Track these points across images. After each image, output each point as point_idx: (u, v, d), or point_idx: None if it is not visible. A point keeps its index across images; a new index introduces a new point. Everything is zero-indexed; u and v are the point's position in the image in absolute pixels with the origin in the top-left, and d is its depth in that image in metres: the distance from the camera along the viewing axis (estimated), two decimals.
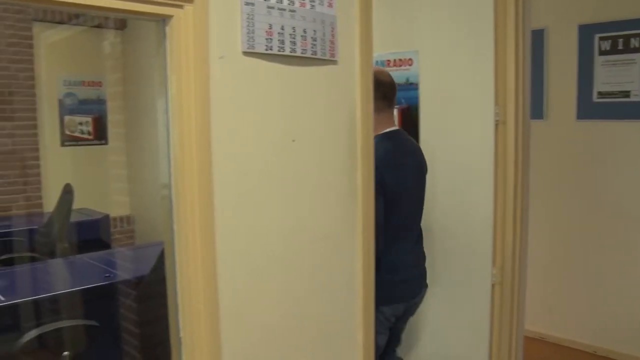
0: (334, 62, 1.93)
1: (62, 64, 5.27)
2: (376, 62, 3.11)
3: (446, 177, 3.02)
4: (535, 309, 4.14)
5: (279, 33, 1.75)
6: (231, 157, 1.65)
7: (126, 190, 4.49)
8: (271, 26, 1.73)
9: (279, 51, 1.75)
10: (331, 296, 2.03)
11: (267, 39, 1.71)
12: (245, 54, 1.66)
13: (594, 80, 4.00)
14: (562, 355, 4.16)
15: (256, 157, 1.72)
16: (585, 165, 4.11)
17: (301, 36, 1.81)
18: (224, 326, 1.69)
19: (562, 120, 4.19)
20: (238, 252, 1.70)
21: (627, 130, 3.90)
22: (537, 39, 3.96)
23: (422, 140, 3.03)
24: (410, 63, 3.04)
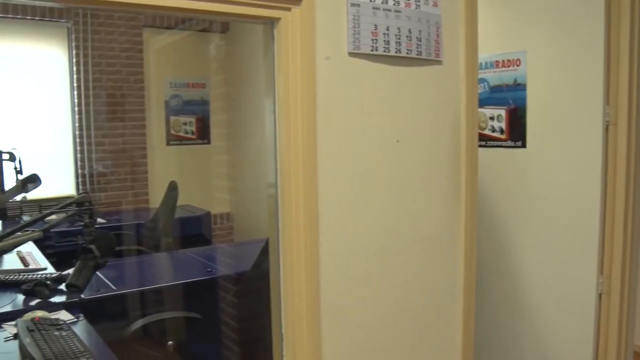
0: (439, 62, 1.91)
1: (169, 67, 5.52)
2: (485, 63, 3.05)
3: (551, 180, 2.91)
4: None
5: (384, 33, 1.75)
6: (336, 156, 1.67)
7: (226, 189, 4.64)
8: (376, 27, 1.73)
9: (384, 52, 1.75)
10: (431, 298, 2.01)
11: (372, 39, 1.72)
12: (351, 54, 1.68)
13: None
14: None
15: (360, 157, 1.73)
16: None
17: (406, 36, 1.81)
18: (324, 323, 1.71)
19: None
20: (340, 251, 1.72)
21: None
22: None
23: (529, 142, 2.95)
24: (518, 63, 2.96)
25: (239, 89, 5.44)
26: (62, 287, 2.43)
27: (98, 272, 2.52)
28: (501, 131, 3.04)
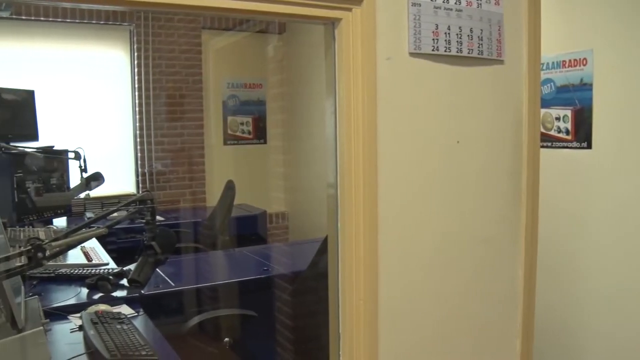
0: (501, 61, 1.88)
1: (226, 67, 5.62)
2: (551, 63, 2.99)
3: (617, 182, 2.82)
4: None
5: (445, 33, 1.73)
6: (396, 157, 1.66)
7: (282, 188, 4.68)
8: (437, 26, 1.72)
9: (445, 51, 1.73)
10: (490, 301, 1.97)
11: (433, 39, 1.71)
12: (412, 55, 1.67)
13: None
14: None
15: (420, 158, 1.71)
16: None
17: (467, 36, 1.78)
18: (382, 324, 1.70)
19: None
20: (399, 251, 1.71)
21: None
22: None
23: (595, 143, 2.87)
24: (584, 63, 2.89)
25: (295, 89, 5.49)
26: (123, 282, 2.50)
27: (157, 269, 2.58)
28: (567, 132, 2.98)
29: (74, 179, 3.85)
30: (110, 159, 5.01)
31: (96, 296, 2.38)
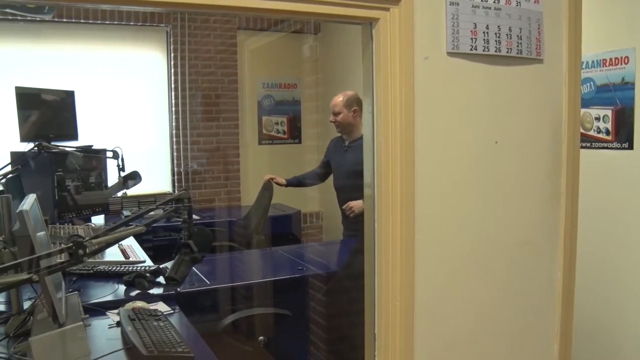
0: (540, 61, 1.85)
1: (261, 68, 5.64)
2: (591, 61, 2.94)
3: None
4: None
5: (483, 32, 1.71)
6: (433, 157, 1.65)
7: (317, 188, 4.68)
8: (476, 25, 1.70)
9: (483, 51, 1.71)
10: (527, 304, 1.95)
11: (471, 38, 1.69)
12: (450, 54, 1.65)
13: None
14: None
15: (458, 158, 1.70)
16: None
17: (506, 35, 1.76)
18: (417, 325, 1.69)
19: None
20: (435, 252, 1.70)
21: None
22: None
23: (637, 144, 2.80)
24: (626, 61, 2.82)
25: (330, 89, 5.48)
26: (159, 279, 2.53)
27: (193, 267, 2.60)
28: (607, 132, 2.91)
29: (112, 177, 3.91)
30: (147, 158, 5.08)
31: (133, 293, 2.41)
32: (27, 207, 1.64)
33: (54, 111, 4.11)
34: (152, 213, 2.35)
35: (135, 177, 3.64)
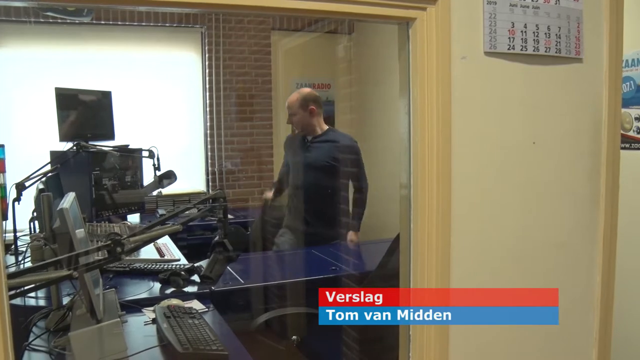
0: (579, 60, 1.82)
1: (295, 68, 5.65)
2: (631, 60, 2.88)
3: None
4: None
5: (521, 31, 1.69)
6: (470, 157, 1.64)
7: (351, 187, 4.66)
8: (514, 24, 1.68)
9: (521, 50, 1.69)
10: (564, 307, 1.91)
11: (509, 37, 1.67)
12: (487, 54, 1.64)
13: None
14: None
15: (495, 158, 1.68)
16: None
17: (545, 33, 1.73)
18: (452, 328, 1.68)
19: None
20: (472, 253, 1.68)
21: None
22: None
23: None
24: None
25: (365, 89, 5.47)
26: (194, 277, 2.56)
27: (227, 266, 2.63)
28: None
29: (147, 176, 3.96)
30: (182, 157, 5.13)
31: (168, 291, 2.45)
32: (67, 205, 1.68)
33: (92, 111, 4.18)
34: (187, 212, 2.38)
35: (170, 177, 3.68)
